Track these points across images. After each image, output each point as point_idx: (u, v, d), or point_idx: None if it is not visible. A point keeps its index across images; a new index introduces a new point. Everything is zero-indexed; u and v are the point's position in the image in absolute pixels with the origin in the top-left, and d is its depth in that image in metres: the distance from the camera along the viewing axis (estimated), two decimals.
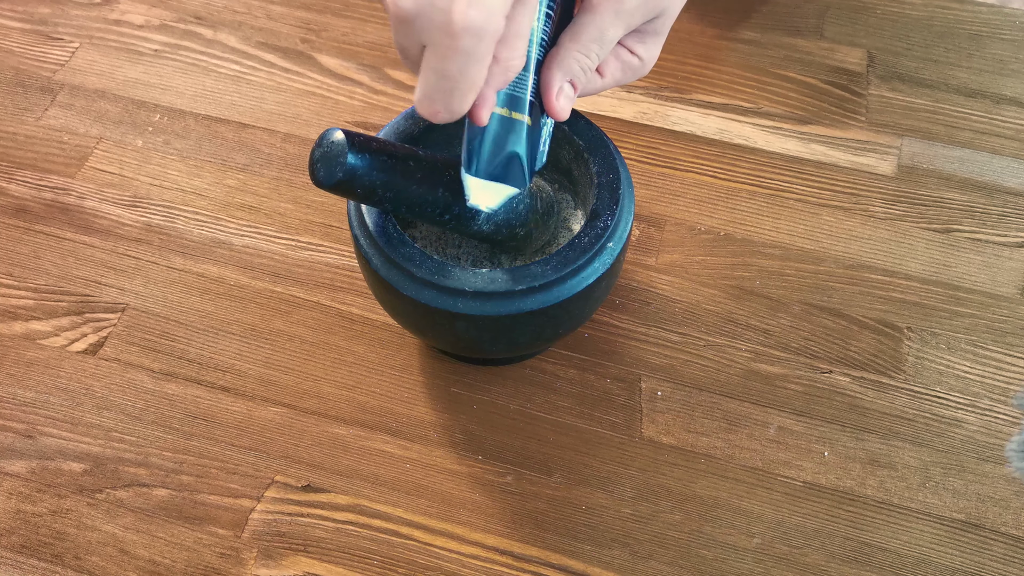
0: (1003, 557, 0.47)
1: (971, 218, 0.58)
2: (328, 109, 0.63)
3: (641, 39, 0.43)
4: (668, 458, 0.49)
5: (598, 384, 0.52)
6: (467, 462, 0.49)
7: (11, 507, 0.47)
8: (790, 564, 0.46)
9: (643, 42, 0.44)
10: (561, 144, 0.46)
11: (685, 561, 0.46)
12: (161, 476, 0.48)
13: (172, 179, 0.59)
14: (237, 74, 0.65)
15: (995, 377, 0.52)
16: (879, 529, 0.47)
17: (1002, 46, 0.67)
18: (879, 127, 0.62)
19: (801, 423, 0.50)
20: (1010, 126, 0.63)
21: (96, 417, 0.50)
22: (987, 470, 0.49)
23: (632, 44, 0.43)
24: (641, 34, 0.43)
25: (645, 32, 0.43)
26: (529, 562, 0.46)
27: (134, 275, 0.55)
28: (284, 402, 0.51)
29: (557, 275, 0.41)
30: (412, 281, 0.41)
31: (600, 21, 0.40)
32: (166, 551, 0.46)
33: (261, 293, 0.55)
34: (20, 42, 0.66)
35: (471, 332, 0.42)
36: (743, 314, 0.54)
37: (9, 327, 0.53)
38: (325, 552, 0.46)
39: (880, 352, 0.53)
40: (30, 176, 0.59)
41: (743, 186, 0.60)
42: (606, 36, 0.41)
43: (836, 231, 0.58)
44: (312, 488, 0.48)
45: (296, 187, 0.59)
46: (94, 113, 0.63)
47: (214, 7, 0.68)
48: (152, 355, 0.52)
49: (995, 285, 0.55)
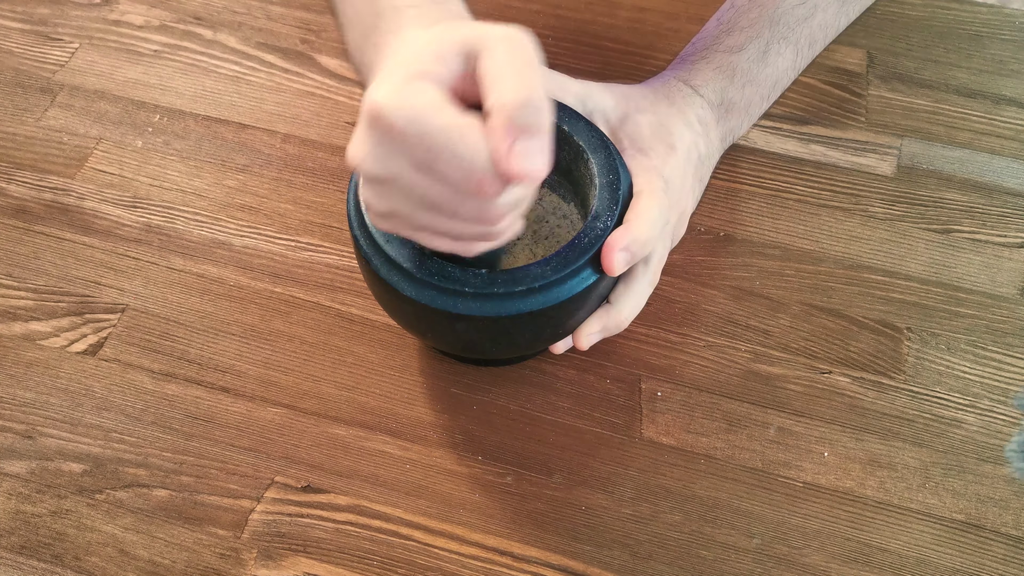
0: (1003, 557, 0.47)
1: (971, 218, 0.58)
2: (328, 109, 0.63)
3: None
4: (668, 459, 0.49)
5: (598, 384, 0.52)
6: (467, 462, 0.49)
7: (11, 507, 0.47)
8: (790, 564, 0.46)
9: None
10: (561, 145, 0.46)
11: (685, 561, 0.46)
12: (161, 477, 0.48)
13: (172, 180, 0.59)
14: (237, 74, 0.65)
15: (995, 377, 0.52)
16: (879, 529, 0.47)
17: (1002, 46, 0.67)
18: (879, 127, 0.62)
19: (801, 424, 0.50)
20: (1010, 126, 0.63)
21: (96, 418, 0.50)
22: (987, 470, 0.49)
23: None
24: None
25: None
26: (529, 562, 0.46)
27: (134, 276, 0.55)
28: (284, 403, 0.51)
29: (557, 276, 0.41)
30: (412, 282, 0.41)
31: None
32: (166, 551, 0.46)
33: (261, 294, 0.55)
34: (20, 42, 0.66)
35: (471, 333, 0.42)
36: (743, 314, 0.54)
37: (9, 327, 0.53)
38: (325, 552, 0.46)
39: (880, 353, 0.53)
40: (30, 176, 0.59)
41: (743, 186, 0.60)
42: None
43: (836, 231, 0.58)
44: (312, 489, 0.48)
45: (296, 188, 0.59)
46: (94, 113, 0.63)
47: (214, 7, 0.68)
48: (152, 355, 0.52)
49: (995, 285, 0.55)
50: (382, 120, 0.33)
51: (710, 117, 0.52)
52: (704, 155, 0.51)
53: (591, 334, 0.46)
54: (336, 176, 0.60)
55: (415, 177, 0.34)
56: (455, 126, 0.33)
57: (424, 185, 0.35)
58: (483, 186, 0.33)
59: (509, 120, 0.31)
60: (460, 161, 0.33)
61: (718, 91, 0.52)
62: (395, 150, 0.34)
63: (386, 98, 0.33)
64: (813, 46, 0.57)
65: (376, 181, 0.36)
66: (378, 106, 0.33)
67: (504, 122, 0.32)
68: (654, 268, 0.46)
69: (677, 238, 0.50)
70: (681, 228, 0.50)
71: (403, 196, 0.36)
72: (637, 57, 0.64)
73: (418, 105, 0.33)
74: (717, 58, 0.53)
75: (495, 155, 0.32)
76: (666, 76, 0.53)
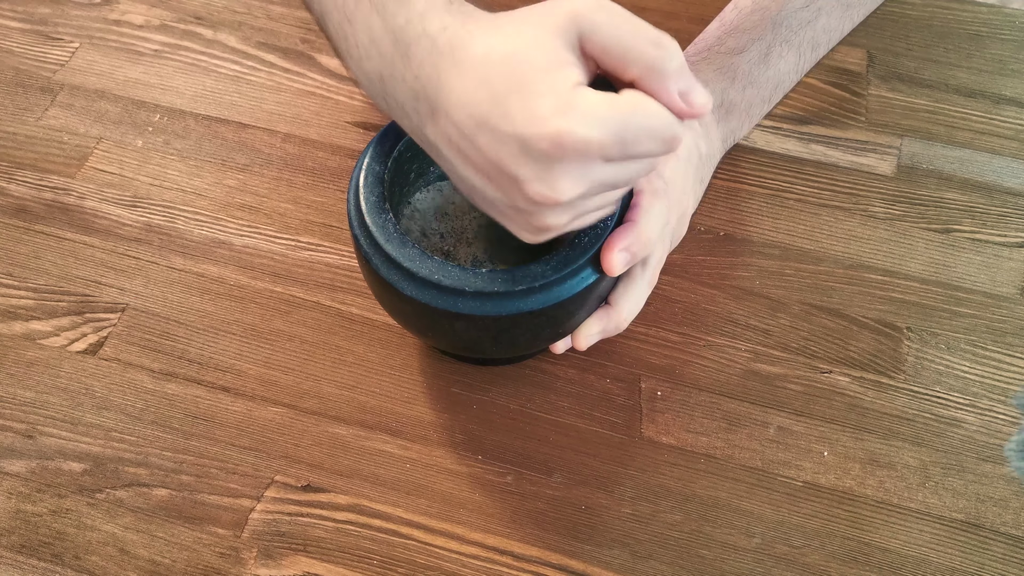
0: (1003, 557, 0.47)
1: (971, 218, 0.58)
2: (328, 109, 0.63)
3: None
4: (668, 458, 0.49)
5: (598, 384, 0.52)
6: (467, 462, 0.49)
7: (11, 507, 0.47)
8: (790, 564, 0.46)
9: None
10: None
11: (685, 561, 0.46)
12: (161, 476, 0.48)
13: (172, 179, 0.59)
14: (237, 74, 0.65)
15: (995, 377, 0.52)
16: (879, 529, 0.47)
17: (1002, 46, 0.67)
18: (879, 127, 0.62)
19: (801, 423, 0.50)
20: (1010, 126, 0.63)
21: (96, 417, 0.50)
22: (986, 470, 0.49)
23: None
24: None
25: None
26: (529, 562, 0.46)
27: (134, 275, 0.55)
28: (284, 402, 0.51)
29: (557, 275, 0.41)
30: (412, 281, 0.41)
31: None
32: (166, 551, 0.46)
33: (261, 293, 0.55)
34: (20, 42, 0.66)
35: (471, 332, 0.42)
36: (743, 314, 0.54)
37: (9, 327, 0.53)
38: (325, 552, 0.46)
39: (880, 352, 0.53)
40: (30, 176, 0.59)
41: (743, 186, 0.60)
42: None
43: (836, 231, 0.58)
44: (312, 488, 0.48)
45: (296, 187, 0.59)
46: (94, 113, 0.63)
47: (214, 7, 0.68)
48: (152, 355, 0.52)
49: (995, 285, 0.55)
50: (574, 140, 0.33)
51: (710, 118, 0.52)
52: (705, 156, 0.51)
53: (590, 335, 0.46)
54: (336, 176, 0.60)
55: (609, 172, 0.35)
56: (638, 106, 0.34)
57: (617, 172, 0.35)
58: (677, 139, 0.35)
59: (664, 74, 0.34)
60: (656, 132, 0.34)
61: (719, 92, 0.52)
62: (592, 162, 0.34)
63: (568, 119, 0.33)
64: (816, 49, 0.57)
65: (568, 205, 0.36)
66: (564, 130, 0.33)
67: (661, 78, 0.34)
68: (653, 268, 0.46)
69: (677, 239, 0.50)
70: (681, 229, 0.50)
71: (589, 196, 0.36)
72: None
73: (600, 109, 0.33)
74: (718, 59, 0.53)
75: (675, 108, 0.34)
76: None
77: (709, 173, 0.53)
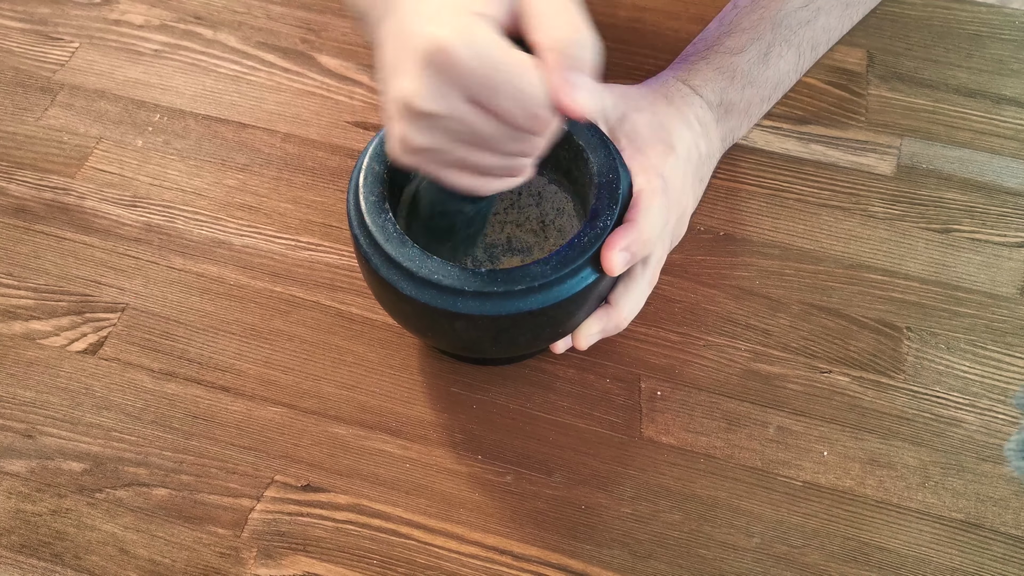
0: (1003, 557, 0.47)
1: (971, 218, 0.58)
2: (328, 109, 0.63)
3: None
4: (668, 458, 0.49)
5: (598, 384, 0.52)
6: (467, 462, 0.49)
7: (11, 507, 0.47)
8: (789, 564, 0.46)
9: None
10: (561, 144, 0.46)
11: (685, 561, 0.46)
12: (161, 476, 0.48)
13: (172, 179, 0.59)
14: (237, 74, 0.65)
15: (994, 377, 0.52)
16: (878, 529, 0.47)
17: (1002, 46, 0.67)
18: (879, 127, 0.62)
19: (800, 423, 0.50)
20: (1010, 126, 0.63)
21: (96, 417, 0.50)
22: (986, 470, 0.49)
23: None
24: None
25: None
26: (529, 562, 0.46)
27: (134, 275, 0.55)
28: (284, 402, 0.51)
29: (556, 275, 0.41)
30: (412, 281, 0.41)
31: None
32: (166, 551, 0.46)
33: (261, 293, 0.55)
34: (20, 42, 0.66)
35: (471, 332, 0.42)
36: (743, 314, 0.54)
37: (9, 327, 0.53)
38: (325, 552, 0.46)
39: (880, 352, 0.53)
40: (30, 176, 0.59)
41: (743, 186, 0.60)
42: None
43: (836, 231, 0.58)
44: (312, 488, 0.48)
45: (296, 187, 0.59)
46: (94, 113, 0.63)
47: (214, 7, 0.68)
48: (152, 355, 0.52)
49: (995, 285, 0.56)
50: (445, 55, 0.33)
51: (709, 117, 0.52)
52: (704, 155, 0.51)
53: (590, 334, 0.46)
54: (336, 175, 0.60)
55: (468, 112, 0.35)
56: (517, 62, 0.33)
57: (476, 120, 0.35)
58: (539, 120, 0.34)
59: (563, 55, 0.33)
60: (522, 95, 0.34)
61: (717, 92, 0.52)
62: (454, 86, 0.34)
63: (451, 34, 0.33)
64: (816, 49, 0.57)
65: (423, 116, 0.35)
66: (441, 41, 0.33)
67: (559, 57, 0.33)
68: (653, 268, 0.46)
69: (677, 238, 0.50)
70: (681, 228, 0.50)
71: (448, 132, 0.36)
72: (637, 57, 0.65)
73: (483, 42, 0.33)
74: (717, 59, 0.53)
75: (552, 89, 0.33)
76: (665, 76, 0.53)
77: (709, 172, 0.53)
